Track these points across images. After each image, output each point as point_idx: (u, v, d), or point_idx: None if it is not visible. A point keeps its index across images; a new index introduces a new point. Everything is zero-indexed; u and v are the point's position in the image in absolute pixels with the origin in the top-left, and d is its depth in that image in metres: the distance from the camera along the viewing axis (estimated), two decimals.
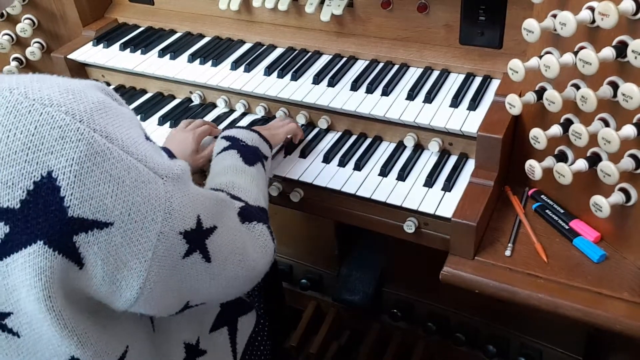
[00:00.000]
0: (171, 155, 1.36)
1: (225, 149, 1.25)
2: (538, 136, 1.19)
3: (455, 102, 1.42)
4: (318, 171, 1.41)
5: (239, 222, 1.01)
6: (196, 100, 1.71)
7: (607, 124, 1.12)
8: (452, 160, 1.40)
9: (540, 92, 1.19)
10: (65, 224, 0.73)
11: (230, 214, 0.98)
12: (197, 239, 0.86)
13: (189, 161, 1.40)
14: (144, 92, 1.79)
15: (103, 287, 0.79)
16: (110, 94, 0.86)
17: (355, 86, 1.52)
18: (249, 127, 1.37)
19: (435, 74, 1.54)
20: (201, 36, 1.84)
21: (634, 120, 1.07)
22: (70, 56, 1.81)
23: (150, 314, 0.89)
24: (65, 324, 0.79)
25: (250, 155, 1.23)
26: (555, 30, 1.10)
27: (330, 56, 1.66)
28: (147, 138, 0.86)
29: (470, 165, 1.37)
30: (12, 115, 0.72)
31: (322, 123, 1.53)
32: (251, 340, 1.31)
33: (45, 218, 0.73)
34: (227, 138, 1.28)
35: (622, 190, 1.13)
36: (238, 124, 1.59)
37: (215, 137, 1.53)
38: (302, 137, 1.50)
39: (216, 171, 1.20)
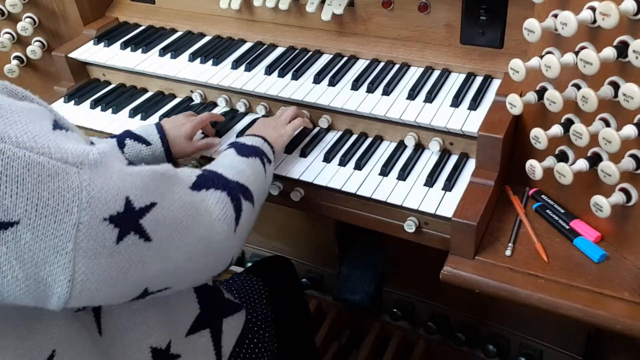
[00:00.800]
0: (161, 131, 1.35)
1: (223, 150, 1.25)
2: (539, 136, 1.19)
3: (456, 102, 1.42)
4: (318, 170, 1.41)
5: (189, 192, 0.96)
6: (197, 100, 1.71)
7: (607, 124, 1.12)
8: (453, 160, 1.40)
9: (541, 92, 1.19)
10: None
11: (174, 185, 0.93)
12: (127, 220, 0.82)
13: (178, 145, 1.39)
14: (144, 91, 1.79)
15: (30, 289, 0.78)
16: (8, 90, 0.84)
17: (355, 85, 1.52)
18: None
19: (436, 73, 1.54)
20: (202, 35, 1.84)
21: (635, 121, 1.07)
22: (71, 55, 1.81)
23: (98, 304, 0.85)
24: None
25: (246, 150, 1.22)
26: (556, 30, 1.10)
27: (331, 55, 1.66)
28: (58, 127, 0.82)
29: (470, 165, 1.37)
30: None
31: (323, 122, 1.53)
32: (240, 342, 1.27)
33: None
34: (229, 144, 1.28)
35: (623, 190, 1.13)
36: (238, 124, 1.60)
37: (214, 125, 1.54)
38: (311, 127, 1.48)
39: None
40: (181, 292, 1.13)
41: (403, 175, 1.36)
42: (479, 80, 1.49)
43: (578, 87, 1.15)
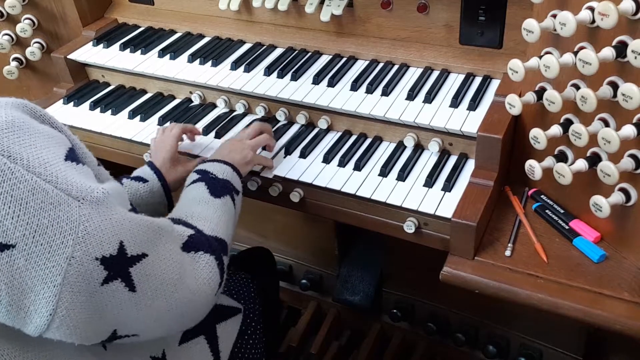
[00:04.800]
0: (154, 167, 1.33)
1: (193, 181, 1.21)
2: (538, 136, 1.19)
3: (455, 102, 1.42)
4: (318, 171, 1.41)
5: (180, 251, 0.96)
6: (196, 101, 1.71)
7: (607, 124, 1.12)
8: (452, 160, 1.40)
9: (540, 92, 1.19)
10: None
11: (168, 242, 0.94)
12: (118, 266, 0.83)
13: (168, 168, 1.37)
14: (144, 92, 1.79)
15: (10, 313, 0.78)
16: (32, 112, 0.84)
17: (355, 86, 1.52)
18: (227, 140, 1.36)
19: (435, 74, 1.54)
20: (201, 36, 1.84)
21: (634, 120, 1.07)
22: (70, 56, 1.81)
23: (69, 341, 0.85)
24: None
25: (218, 188, 1.19)
26: (555, 30, 1.10)
27: (330, 56, 1.66)
28: (71, 158, 0.82)
29: (470, 166, 1.37)
30: None
31: (322, 123, 1.53)
32: (238, 344, 1.28)
33: None
34: (197, 171, 1.24)
35: (622, 190, 1.13)
36: (237, 125, 1.60)
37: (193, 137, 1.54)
38: (274, 145, 1.43)
39: (181, 204, 1.17)
40: None
41: (402, 176, 1.36)
42: (478, 80, 1.49)
43: (577, 87, 1.15)
